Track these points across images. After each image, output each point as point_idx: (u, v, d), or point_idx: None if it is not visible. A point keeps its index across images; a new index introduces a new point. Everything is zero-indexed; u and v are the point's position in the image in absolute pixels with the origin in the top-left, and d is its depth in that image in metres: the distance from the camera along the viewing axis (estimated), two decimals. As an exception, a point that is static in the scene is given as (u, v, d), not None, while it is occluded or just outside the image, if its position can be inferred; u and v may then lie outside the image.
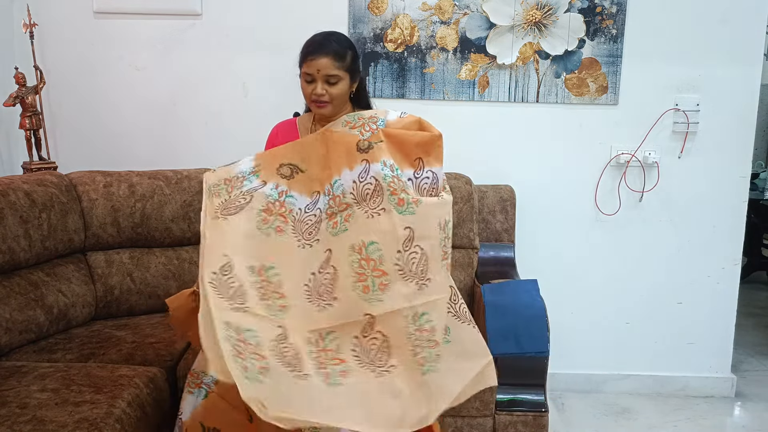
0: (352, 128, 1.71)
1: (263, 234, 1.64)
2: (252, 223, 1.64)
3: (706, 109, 2.69)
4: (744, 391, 2.91)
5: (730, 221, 2.77)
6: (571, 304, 2.82)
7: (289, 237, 1.65)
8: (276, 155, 1.74)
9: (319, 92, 1.71)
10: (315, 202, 1.68)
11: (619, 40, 2.66)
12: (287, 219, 1.66)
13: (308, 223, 1.66)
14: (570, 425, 2.60)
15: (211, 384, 1.76)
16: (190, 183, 2.56)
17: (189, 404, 1.77)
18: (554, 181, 2.76)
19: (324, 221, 1.65)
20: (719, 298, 2.82)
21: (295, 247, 1.64)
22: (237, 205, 1.66)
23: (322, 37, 1.75)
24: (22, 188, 2.20)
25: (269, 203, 1.67)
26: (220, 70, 2.72)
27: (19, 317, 2.09)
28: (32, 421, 1.60)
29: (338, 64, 1.70)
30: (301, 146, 1.74)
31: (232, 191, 1.68)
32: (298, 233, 1.66)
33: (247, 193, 1.67)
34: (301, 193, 1.69)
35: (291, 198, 1.69)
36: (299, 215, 1.67)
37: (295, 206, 1.68)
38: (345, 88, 1.75)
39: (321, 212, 1.66)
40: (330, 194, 1.66)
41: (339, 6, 2.66)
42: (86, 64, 2.72)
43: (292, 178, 1.70)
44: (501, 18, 2.65)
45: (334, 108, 1.77)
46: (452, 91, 2.71)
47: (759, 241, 4.71)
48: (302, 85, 1.75)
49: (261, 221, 1.65)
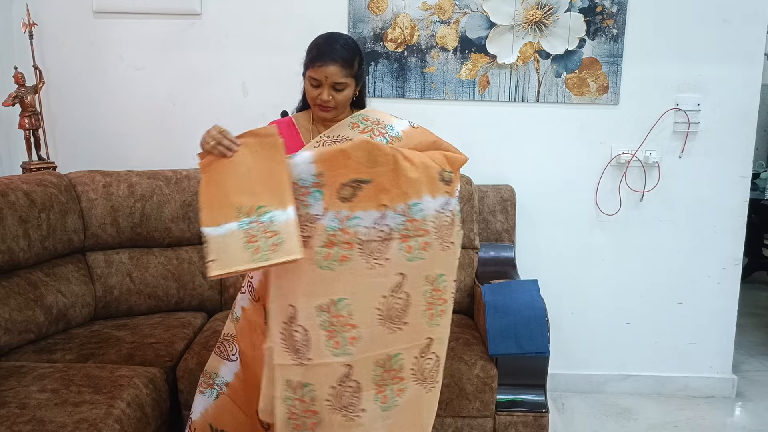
0: (361, 132, 1.69)
1: (326, 270, 1.55)
2: (313, 265, 1.54)
3: (707, 109, 2.69)
4: (745, 392, 2.90)
5: (731, 221, 2.76)
6: (571, 304, 2.81)
7: (356, 261, 1.56)
8: (338, 164, 1.54)
9: (325, 99, 1.69)
10: (383, 216, 1.58)
11: (620, 39, 2.65)
12: (352, 245, 1.56)
13: (376, 241, 1.58)
14: (570, 425, 2.59)
15: (222, 386, 1.77)
16: (189, 183, 2.56)
17: (200, 404, 1.78)
18: (555, 181, 2.76)
19: (396, 241, 1.58)
20: (720, 298, 2.81)
21: (364, 269, 1.56)
22: (303, 233, 1.54)
23: (329, 41, 1.70)
24: (21, 188, 2.19)
25: (329, 236, 1.54)
26: (220, 70, 2.72)
27: (19, 317, 2.09)
28: (32, 421, 1.60)
29: (346, 72, 1.67)
30: (368, 152, 1.55)
31: (299, 207, 1.54)
32: (366, 254, 1.56)
33: (309, 221, 1.54)
34: (366, 209, 1.56)
35: (356, 219, 1.56)
36: (366, 235, 1.57)
37: (360, 226, 1.56)
38: (350, 93, 1.73)
39: (392, 230, 1.58)
40: (407, 215, 1.59)
41: (339, 6, 2.66)
42: (86, 64, 2.72)
43: (355, 197, 1.55)
44: (501, 17, 2.65)
45: (338, 112, 1.76)
46: (452, 90, 2.71)
47: (760, 241, 4.71)
48: (307, 87, 1.72)
49: (323, 258, 1.55)
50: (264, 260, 1.46)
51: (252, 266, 1.47)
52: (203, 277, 2.55)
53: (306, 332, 1.52)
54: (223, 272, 1.47)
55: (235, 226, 1.50)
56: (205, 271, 2.50)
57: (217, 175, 1.57)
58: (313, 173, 1.53)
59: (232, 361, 1.77)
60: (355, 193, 1.55)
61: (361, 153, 1.54)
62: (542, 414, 2.09)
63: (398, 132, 1.71)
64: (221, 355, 1.80)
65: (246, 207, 1.51)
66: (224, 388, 1.77)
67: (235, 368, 1.77)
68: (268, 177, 1.54)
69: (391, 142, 1.69)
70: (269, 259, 1.45)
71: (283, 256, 1.45)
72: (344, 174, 1.54)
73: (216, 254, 1.48)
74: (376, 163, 1.55)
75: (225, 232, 1.50)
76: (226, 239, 1.49)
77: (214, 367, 1.80)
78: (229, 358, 1.78)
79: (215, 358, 1.81)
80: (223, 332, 1.82)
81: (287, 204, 1.50)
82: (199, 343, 2.18)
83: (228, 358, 1.78)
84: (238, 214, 1.51)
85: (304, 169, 1.53)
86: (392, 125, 1.72)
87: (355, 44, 1.74)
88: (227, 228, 1.50)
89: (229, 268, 1.47)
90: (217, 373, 1.79)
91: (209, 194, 1.56)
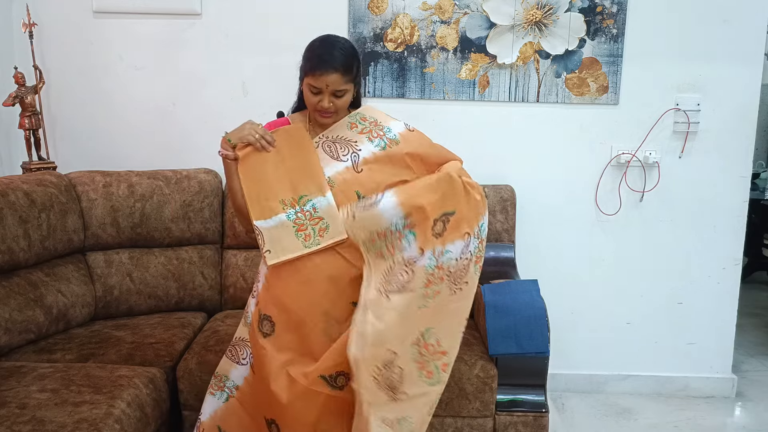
0: (360, 132, 1.71)
1: (422, 308, 1.59)
2: (413, 304, 1.58)
3: (707, 108, 2.69)
4: (745, 392, 2.90)
5: (731, 221, 2.76)
6: (571, 304, 2.81)
7: (444, 293, 1.61)
8: (421, 201, 1.59)
9: (326, 106, 1.67)
10: (467, 245, 1.63)
11: (620, 39, 2.65)
12: (443, 278, 1.61)
13: (461, 268, 1.63)
14: (570, 426, 2.59)
15: (232, 389, 1.78)
16: (189, 183, 2.56)
17: (209, 405, 1.79)
18: (555, 181, 2.76)
19: (471, 263, 1.64)
20: (720, 298, 2.81)
21: (448, 296, 1.62)
22: (399, 281, 1.58)
23: (327, 46, 1.66)
24: (21, 188, 2.19)
25: (428, 276, 1.59)
26: (220, 70, 2.72)
27: (19, 317, 2.09)
28: (32, 421, 1.60)
29: (346, 78, 1.65)
30: (449, 184, 1.63)
31: (394, 252, 1.59)
32: (452, 282, 1.62)
33: (407, 266, 1.58)
34: (453, 241, 1.62)
35: (448, 254, 1.61)
36: (455, 266, 1.62)
37: (452, 259, 1.61)
38: (350, 97, 1.73)
39: (471, 255, 1.64)
40: (479, 237, 1.65)
41: (339, 6, 2.66)
42: (86, 64, 2.72)
43: (445, 231, 1.61)
44: (501, 17, 2.65)
45: (338, 116, 1.75)
46: (452, 90, 2.71)
47: (759, 241, 4.70)
48: (306, 93, 1.69)
49: (422, 297, 1.58)
50: (316, 245, 1.60)
51: (305, 252, 1.59)
52: (203, 277, 2.55)
53: (402, 370, 1.56)
54: (279, 260, 1.59)
55: (283, 218, 1.62)
56: (204, 271, 2.50)
57: (259, 166, 1.66)
58: (402, 216, 1.59)
59: (242, 365, 1.77)
60: (444, 226, 1.61)
61: (445, 185, 1.62)
62: (542, 414, 2.08)
63: (396, 135, 1.73)
64: (232, 358, 1.80)
65: (289, 199, 1.63)
66: (234, 392, 1.77)
67: (245, 372, 1.77)
68: (303, 166, 1.65)
69: (389, 146, 1.71)
70: (320, 243, 1.60)
71: (331, 239, 1.60)
72: (433, 210, 1.60)
73: (270, 245, 1.60)
74: (455, 193, 1.63)
75: (276, 224, 1.61)
76: (277, 230, 1.61)
77: (225, 370, 1.80)
78: (239, 361, 1.78)
79: (226, 361, 1.81)
80: (235, 335, 1.82)
81: (325, 190, 1.63)
82: (199, 343, 2.18)
83: (239, 362, 1.78)
84: (283, 207, 1.62)
85: (394, 213, 1.59)
86: (389, 127, 1.74)
87: (353, 48, 1.72)
88: (277, 220, 1.61)
89: (284, 256, 1.59)
90: (228, 376, 1.79)
91: (254, 188, 1.65)
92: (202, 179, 2.59)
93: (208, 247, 2.61)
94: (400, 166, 1.70)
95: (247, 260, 2.58)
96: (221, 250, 2.64)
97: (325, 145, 1.72)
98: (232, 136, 1.68)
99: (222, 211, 2.62)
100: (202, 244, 2.61)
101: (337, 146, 1.72)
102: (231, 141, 1.68)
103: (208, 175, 2.62)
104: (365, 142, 1.71)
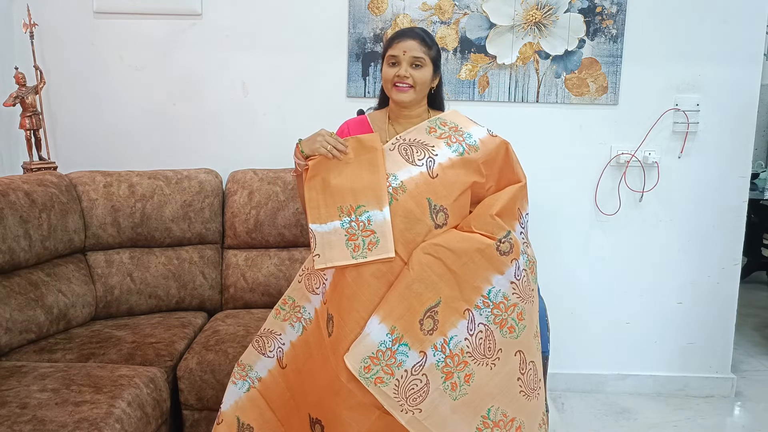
0: (438, 137, 1.71)
1: (462, 396, 1.57)
2: (449, 399, 1.56)
3: (706, 109, 2.69)
4: (744, 391, 2.91)
5: (730, 221, 2.77)
6: (571, 304, 2.82)
7: (480, 371, 1.59)
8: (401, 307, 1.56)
9: (403, 74, 1.71)
10: (472, 320, 1.60)
11: (619, 40, 2.66)
12: (467, 362, 1.58)
13: (480, 340, 1.59)
14: (570, 425, 2.59)
15: (255, 380, 1.76)
16: (189, 183, 2.56)
17: (231, 395, 1.78)
18: (554, 181, 2.76)
19: (496, 330, 1.60)
20: (719, 298, 2.82)
21: (490, 374, 1.60)
22: (417, 389, 1.55)
23: (408, 27, 1.85)
24: (22, 188, 2.20)
25: (443, 370, 1.56)
26: (220, 70, 2.72)
27: (19, 317, 2.09)
28: (32, 421, 1.60)
29: (424, 49, 1.72)
30: (421, 280, 1.58)
31: (394, 373, 1.54)
32: (480, 360, 1.59)
33: (416, 372, 1.55)
34: (455, 324, 1.58)
35: (454, 339, 1.58)
36: (471, 345, 1.59)
37: (461, 341, 1.58)
38: (428, 75, 1.75)
39: (488, 325, 1.60)
40: (490, 305, 1.61)
41: (339, 6, 2.66)
42: (86, 64, 2.72)
43: (438, 323, 1.57)
44: (501, 18, 2.65)
45: (415, 95, 1.74)
46: (452, 91, 2.71)
47: (759, 241, 4.71)
48: (385, 70, 1.74)
49: (451, 390, 1.56)
50: (362, 257, 1.57)
51: (352, 262, 1.57)
52: (203, 276, 2.55)
53: None
54: (326, 266, 1.58)
55: (338, 225, 1.60)
56: (204, 271, 2.49)
57: (324, 173, 1.66)
58: (387, 332, 1.55)
59: (268, 357, 1.75)
60: (434, 320, 1.57)
61: (419, 285, 1.57)
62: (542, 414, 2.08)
63: (476, 141, 1.73)
64: (259, 349, 1.77)
65: (347, 206, 1.62)
66: (256, 383, 1.75)
67: (270, 365, 1.75)
68: (368, 178, 1.63)
69: (468, 152, 1.71)
70: (367, 257, 1.58)
71: (378, 255, 1.57)
72: (412, 314, 1.56)
73: (321, 250, 1.59)
74: (433, 283, 1.58)
75: (330, 230, 1.60)
76: (330, 236, 1.60)
77: (250, 360, 1.78)
78: (266, 353, 1.76)
79: (252, 351, 1.79)
80: (264, 327, 1.80)
81: (384, 205, 1.60)
82: (200, 342, 2.19)
83: (265, 354, 1.76)
84: (340, 213, 1.61)
85: (378, 334, 1.55)
86: (470, 132, 1.74)
87: (433, 36, 1.82)
88: (332, 225, 1.61)
89: (331, 263, 1.58)
90: (252, 366, 1.77)
91: (316, 193, 1.65)
92: (203, 179, 2.59)
93: (208, 247, 2.61)
94: (473, 170, 1.71)
95: (247, 260, 2.58)
96: (222, 250, 2.64)
97: (401, 148, 1.71)
98: (304, 146, 1.68)
99: (222, 211, 2.62)
100: (202, 244, 2.61)
101: (413, 149, 1.70)
102: (304, 152, 1.68)
103: (208, 175, 2.62)
104: (443, 147, 1.70)
